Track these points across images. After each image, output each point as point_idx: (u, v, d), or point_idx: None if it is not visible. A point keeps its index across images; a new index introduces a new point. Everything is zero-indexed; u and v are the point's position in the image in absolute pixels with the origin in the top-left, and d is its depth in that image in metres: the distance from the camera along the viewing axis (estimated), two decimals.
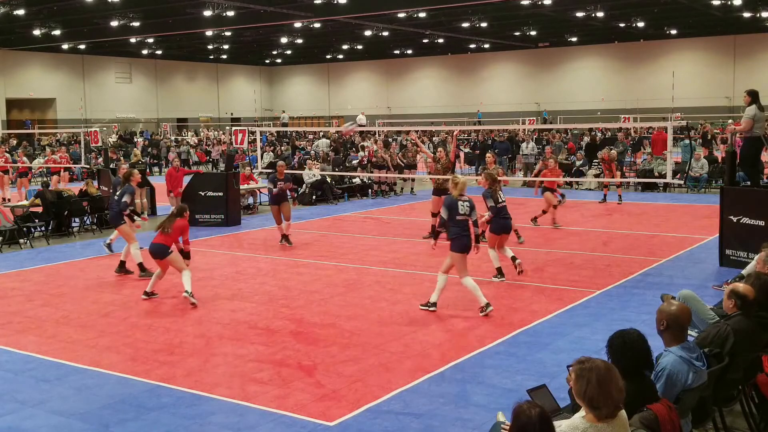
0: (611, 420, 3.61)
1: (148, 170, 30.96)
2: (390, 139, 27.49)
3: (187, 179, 17.76)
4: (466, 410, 6.24)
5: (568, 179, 23.89)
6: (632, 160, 26.07)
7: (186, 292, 9.74)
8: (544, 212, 15.64)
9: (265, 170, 24.04)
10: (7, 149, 25.70)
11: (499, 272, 10.98)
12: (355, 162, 25.76)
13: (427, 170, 15.99)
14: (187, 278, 9.84)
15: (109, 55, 52.39)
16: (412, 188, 23.53)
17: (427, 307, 9.34)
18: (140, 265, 11.55)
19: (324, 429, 5.96)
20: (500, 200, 11.11)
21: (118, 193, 11.84)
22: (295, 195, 21.10)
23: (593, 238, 14.58)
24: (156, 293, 10.28)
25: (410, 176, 23.48)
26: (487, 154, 16.35)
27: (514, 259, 11.09)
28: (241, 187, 18.28)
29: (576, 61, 54.06)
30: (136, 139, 40.88)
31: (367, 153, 25.50)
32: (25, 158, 24.37)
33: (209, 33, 42.12)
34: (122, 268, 11.88)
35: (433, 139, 34.69)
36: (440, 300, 9.68)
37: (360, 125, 46.49)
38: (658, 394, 4.34)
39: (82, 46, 47.69)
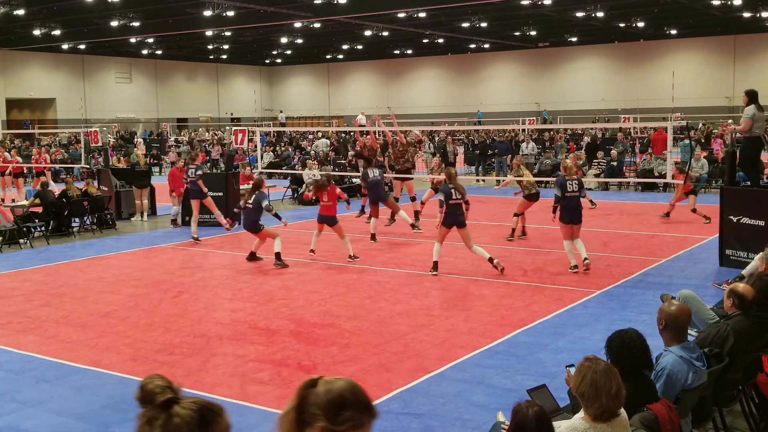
0: (611, 421, 3.62)
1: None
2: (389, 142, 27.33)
3: None
4: (466, 410, 6.24)
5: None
6: (631, 160, 26.07)
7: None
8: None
9: (265, 170, 24.07)
10: (7, 149, 25.67)
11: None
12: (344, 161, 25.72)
13: (427, 170, 16.13)
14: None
15: (109, 55, 52.39)
16: None
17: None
18: (278, 254, 12.20)
19: None
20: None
21: (251, 201, 12.32)
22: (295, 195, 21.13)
23: (593, 238, 14.57)
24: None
25: (408, 176, 23.39)
26: (516, 157, 16.04)
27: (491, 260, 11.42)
28: (241, 187, 18.26)
29: (576, 61, 54.05)
30: (136, 139, 40.85)
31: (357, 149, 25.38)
32: (18, 158, 24.29)
33: (209, 33, 42.12)
34: (253, 257, 12.62)
35: (435, 139, 34.66)
36: (440, 300, 9.72)
37: (360, 125, 46.51)
38: (657, 394, 4.35)
39: (82, 46, 47.69)
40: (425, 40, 48.49)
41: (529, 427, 3.38)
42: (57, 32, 39.39)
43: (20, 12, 33.99)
